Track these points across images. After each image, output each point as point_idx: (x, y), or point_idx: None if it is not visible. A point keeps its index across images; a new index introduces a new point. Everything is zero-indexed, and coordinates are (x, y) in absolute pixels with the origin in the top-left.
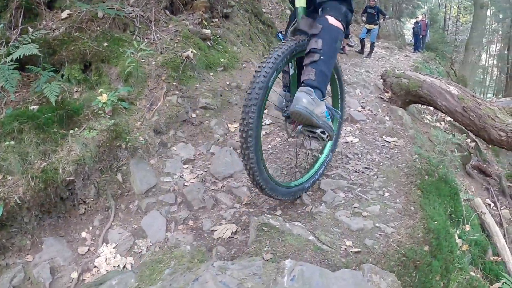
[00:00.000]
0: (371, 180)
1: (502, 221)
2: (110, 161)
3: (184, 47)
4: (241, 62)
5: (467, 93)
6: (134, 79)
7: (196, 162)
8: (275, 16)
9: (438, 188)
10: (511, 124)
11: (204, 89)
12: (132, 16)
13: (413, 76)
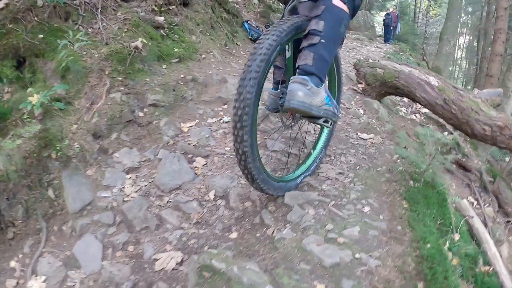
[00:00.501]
0: (347, 189)
1: (486, 221)
2: (39, 175)
3: (133, 36)
4: (200, 52)
5: (448, 84)
6: (73, 74)
7: (140, 170)
8: (242, 5)
9: (426, 196)
10: (496, 118)
11: (155, 84)
12: (76, 4)
13: (389, 65)
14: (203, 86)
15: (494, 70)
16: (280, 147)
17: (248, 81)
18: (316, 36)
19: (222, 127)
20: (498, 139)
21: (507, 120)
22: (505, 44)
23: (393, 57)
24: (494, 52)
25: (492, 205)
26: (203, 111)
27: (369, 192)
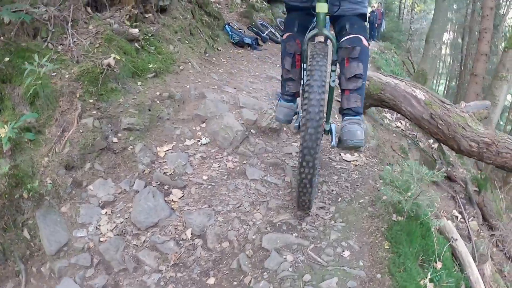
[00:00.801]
0: (328, 228)
1: (470, 235)
2: (13, 215)
3: (106, 52)
4: (178, 63)
5: (434, 97)
6: (42, 100)
7: (116, 204)
8: (224, 5)
9: (409, 232)
10: (483, 134)
11: (129, 104)
12: (45, 18)
13: (374, 77)
14: (181, 103)
15: (479, 69)
16: (260, 175)
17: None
18: (360, 79)
19: (200, 151)
20: (485, 155)
21: (494, 137)
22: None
23: (378, 56)
24: (479, 51)
25: (477, 218)
26: (180, 131)
27: (350, 231)
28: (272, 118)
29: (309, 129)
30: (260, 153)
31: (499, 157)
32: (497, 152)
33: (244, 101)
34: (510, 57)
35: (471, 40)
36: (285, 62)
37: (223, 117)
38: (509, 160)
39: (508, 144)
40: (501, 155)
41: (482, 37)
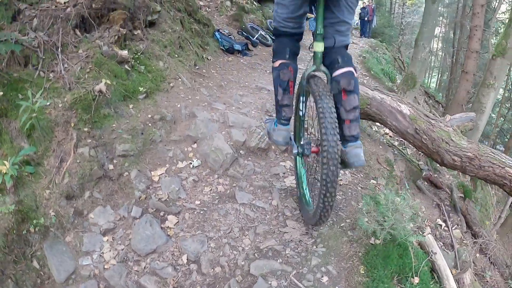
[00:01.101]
0: (309, 253)
1: (453, 243)
2: (22, 249)
3: (96, 77)
4: (168, 80)
5: (420, 112)
6: (38, 132)
7: (116, 231)
8: (214, 9)
9: (386, 256)
10: (466, 149)
11: (122, 130)
12: (35, 45)
13: (361, 91)
14: (172, 124)
15: (470, 66)
16: (248, 199)
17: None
18: (357, 109)
19: (192, 174)
20: (468, 169)
21: (477, 151)
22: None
23: (368, 55)
24: (470, 49)
25: (460, 225)
26: (172, 153)
27: (330, 256)
28: (261, 138)
29: (331, 167)
30: (249, 174)
31: (481, 171)
32: (480, 166)
33: (233, 120)
34: (498, 65)
35: (462, 35)
36: (280, 90)
37: (213, 139)
38: (491, 174)
39: (491, 159)
40: (484, 169)
41: (472, 34)
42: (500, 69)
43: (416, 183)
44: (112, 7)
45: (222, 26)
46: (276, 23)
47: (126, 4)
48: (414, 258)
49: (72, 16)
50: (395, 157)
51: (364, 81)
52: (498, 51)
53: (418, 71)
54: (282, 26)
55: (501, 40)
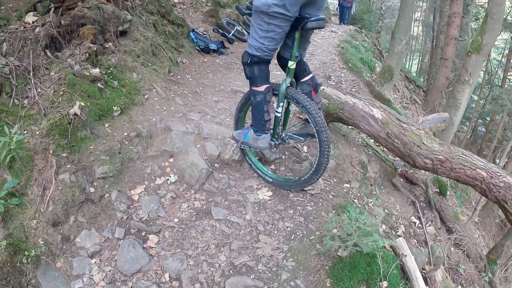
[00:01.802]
0: (280, 268)
1: (427, 239)
2: (17, 279)
3: (70, 99)
4: (143, 92)
5: (392, 116)
6: (19, 163)
7: (102, 253)
8: (189, 5)
9: (352, 267)
10: (437, 152)
11: (100, 151)
12: (7, 72)
13: (334, 95)
14: (148, 139)
15: (449, 53)
16: (224, 214)
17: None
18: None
19: (170, 190)
20: (439, 171)
21: (448, 154)
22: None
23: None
24: (448, 36)
25: (435, 222)
26: (150, 169)
27: (299, 270)
28: (234, 150)
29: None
30: (224, 188)
31: (453, 172)
32: (451, 168)
33: (208, 131)
34: (473, 61)
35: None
36: (265, 108)
37: (188, 153)
38: (463, 175)
39: (462, 161)
40: (455, 171)
41: (451, 21)
42: (476, 66)
43: (392, 181)
44: (81, 22)
45: (197, 24)
46: (261, 52)
47: (95, 17)
48: (383, 264)
49: (41, 37)
50: (369, 158)
51: (342, 74)
52: (473, 48)
53: (395, 64)
54: (267, 55)
55: (476, 36)
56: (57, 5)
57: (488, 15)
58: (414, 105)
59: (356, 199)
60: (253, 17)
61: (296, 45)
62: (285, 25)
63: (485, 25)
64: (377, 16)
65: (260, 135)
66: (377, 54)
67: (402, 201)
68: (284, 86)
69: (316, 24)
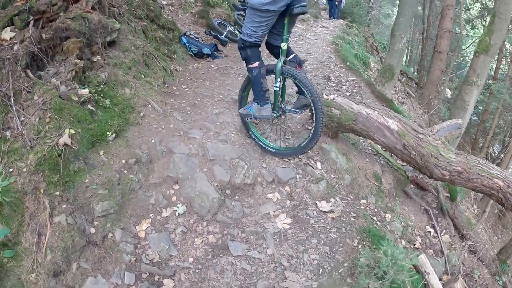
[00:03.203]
0: None
1: (442, 248)
2: None
3: (58, 126)
4: (137, 109)
5: (408, 127)
6: (8, 207)
7: None
8: (178, 7)
9: None
10: (455, 163)
11: (97, 184)
12: None
13: (345, 106)
14: (149, 164)
15: (443, 46)
16: (243, 249)
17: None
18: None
19: (179, 223)
20: (456, 181)
21: (465, 164)
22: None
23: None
24: (442, 28)
25: (449, 229)
26: (154, 199)
27: None
28: (246, 173)
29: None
30: (239, 217)
31: (470, 182)
32: (468, 178)
33: (214, 152)
34: (481, 62)
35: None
36: (262, 80)
37: (195, 180)
38: (479, 185)
39: (479, 170)
40: (472, 181)
41: (445, 14)
42: (483, 67)
43: (404, 189)
44: (64, 35)
45: (188, 26)
46: (252, 39)
47: (80, 29)
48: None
49: (20, 55)
50: (382, 168)
51: (341, 74)
52: (481, 48)
53: (396, 62)
54: (257, 40)
55: (484, 36)
56: (37, 17)
57: (495, 15)
58: (409, 99)
59: (374, 216)
60: (248, 11)
61: (286, 29)
62: (273, 16)
63: (492, 25)
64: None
65: (262, 105)
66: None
67: (415, 209)
68: (279, 65)
69: (300, 9)
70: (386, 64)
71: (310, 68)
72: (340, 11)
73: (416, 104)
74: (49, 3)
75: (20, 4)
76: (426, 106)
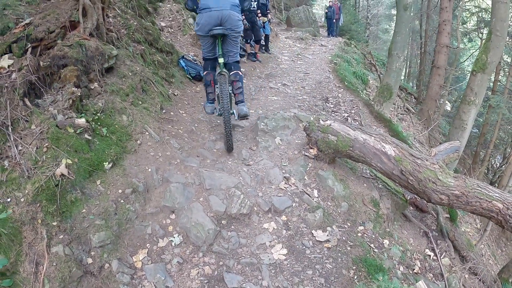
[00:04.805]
0: None
1: (442, 272)
2: None
3: (55, 156)
4: (135, 137)
5: (405, 152)
6: (6, 237)
7: None
8: (177, 29)
9: None
10: (453, 187)
11: (94, 214)
12: None
13: (342, 132)
14: (145, 193)
15: (441, 61)
16: (238, 281)
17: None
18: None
19: (175, 254)
20: (455, 205)
21: (464, 188)
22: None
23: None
24: (440, 43)
25: (449, 251)
26: (151, 228)
27: None
28: (242, 202)
29: (225, 112)
30: (234, 248)
31: (468, 206)
32: (467, 202)
33: (210, 182)
34: (478, 81)
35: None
36: (208, 86)
37: (192, 211)
38: (478, 208)
39: (478, 194)
40: (471, 204)
41: (442, 29)
42: (481, 85)
43: (403, 212)
44: (62, 63)
45: (186, 48)
46: (204, 54)
47: (77, 57)
48: None
49: (18, 84)
50: (380, 192)
51: (339, 94)
52: (478, 67)
53: (393, 81)
54: (206, 56)
55: (481, 55)
56: (35, 44)
57: (491, 32)
58: (408, 115)
59: (372, 243)
60: None
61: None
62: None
63: (489, 43)
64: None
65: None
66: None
67: (415, 232)
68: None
69: (215, 32)
70: (384, 83)
71: (309, 89)
72: (338, 29)
73: (415, 120)
74: (47, 30)
75: (18, 31)
76: (426, 121)
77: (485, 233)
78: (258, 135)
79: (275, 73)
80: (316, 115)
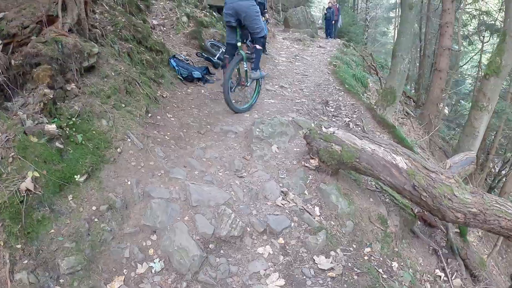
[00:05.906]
0: None
1: None
2: None
3: (21, 167)
4: (115, 144)
5: (417, 164)
6: None
7: None
8: (170, 27)
9: None
10: (470, 204)
11: (63, 235)
12: None
13: (348, 141)
14: (124, 210)
15: (443, 64)
16: None
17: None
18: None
19: (155, 283)
20: (471, 224)
21: (482, 205)
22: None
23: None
24: (441, 46)
25: (460, 271)
26: (129, 251)
27: None
28: (232, 223)
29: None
30: (223, 277)
31: (486, 224)
32: (485, 220)
33: (197, 197)
34: (491, 85)
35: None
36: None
37: (175, 232)
38: (496, 226)
39: (496, 211)
40: (488, 223)
41: (444, 31)
42: (494, 90)
43: (412, 229)
44: (35, 62)
45: (179, 47)
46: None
47: (52, 54)
48: None
49: None
50: (388, 208)
51: (340, 98)
52: (491, 70)
53: (397, 84)
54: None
55: (494, 57)
56: (7, 41)
57: (506, 34)
58: (408, 119)
59: (380, 267)
60: None
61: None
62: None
63: (503, 44)
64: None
65: None
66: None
67: (424, 250)
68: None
69: None
70: (388, 86)
71: (307, 92)
72: (336, 30)
73: (416, 125)
74: (21, 25)
75: None
76: (427, 126)
77: (495, 248)
78: (252, 142)
79: (272, 75)
80: (317, 121)
